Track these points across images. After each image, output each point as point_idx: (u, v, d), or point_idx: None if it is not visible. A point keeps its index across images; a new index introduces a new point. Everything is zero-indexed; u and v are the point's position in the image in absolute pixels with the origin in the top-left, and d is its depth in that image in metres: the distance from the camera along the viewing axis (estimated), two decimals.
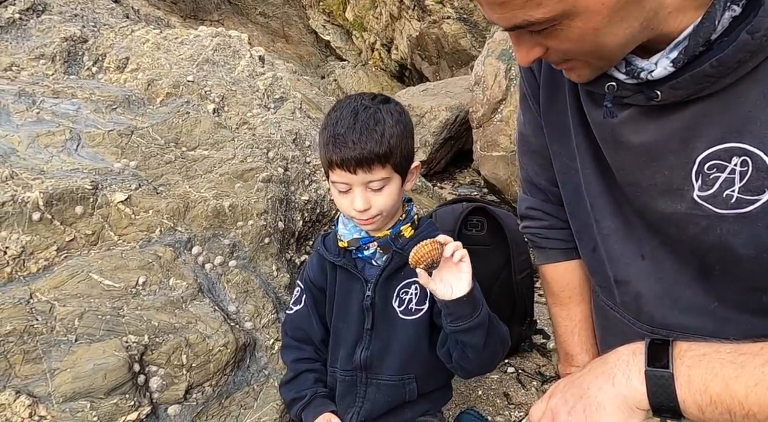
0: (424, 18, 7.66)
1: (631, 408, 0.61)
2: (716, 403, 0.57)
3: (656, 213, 0.75)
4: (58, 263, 1.24)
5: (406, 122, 1.08)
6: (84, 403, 1.09)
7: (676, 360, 0.60)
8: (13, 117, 1.41)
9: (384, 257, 1.15)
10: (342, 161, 1.02)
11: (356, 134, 1.01)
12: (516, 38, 0.66)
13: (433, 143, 5.07)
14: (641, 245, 0.80)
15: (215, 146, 1.60)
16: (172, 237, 1.38)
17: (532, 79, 0.91)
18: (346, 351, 1.20)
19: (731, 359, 0.58)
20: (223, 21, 10.93)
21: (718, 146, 0.65)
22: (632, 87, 0.68)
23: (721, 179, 0.65)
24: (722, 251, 0.69)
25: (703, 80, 0.62)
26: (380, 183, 1.04)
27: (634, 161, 0.74)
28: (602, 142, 0.78)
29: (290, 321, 1.29)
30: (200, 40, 1.90)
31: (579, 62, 0.67)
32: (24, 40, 1.68)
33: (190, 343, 1.23)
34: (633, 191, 0.77)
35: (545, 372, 1.72)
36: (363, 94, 1.11)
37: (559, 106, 0.86)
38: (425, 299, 1.15)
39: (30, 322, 1.13)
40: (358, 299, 1.18)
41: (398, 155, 1.04)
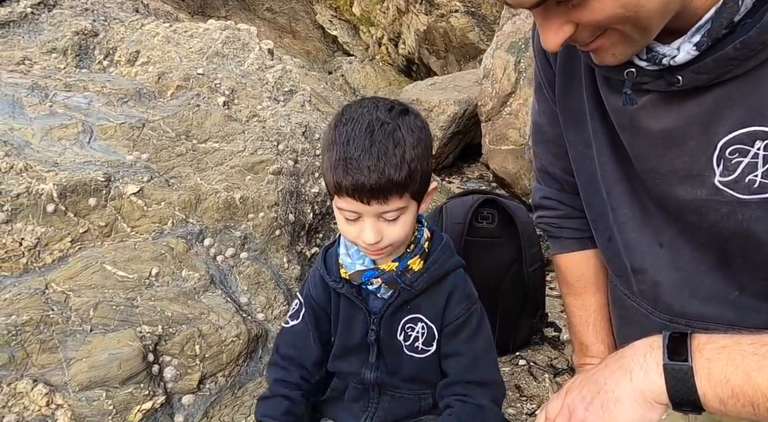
0: (431, 12, 7.62)
1: (650, 403, 0.60)
2: (738, 396, 0.56)
3: (675, 200, 0.73)
4: (73, 254, 1.25)
5: (427, 139, 0.92)
6: (100, 392, 1.10)
7: (696, 353, 0.59)
8: (26, 110, 1.42)
9: (390, 292, 1.02)
10: (354, 190, 0.86)
11: (372, 159, 0.84)
12: (543, 16, 0.60)
13: (441, 137, 5.05)
14: (659, 233, 0.79)
15: (226, 138, 1.60)
16: (184, 229, 1.39)
17: (547, 67, 0.90)
18: (352, 370, 1.10)
19: (753, 350, 0.56)
20: (230, 17, 10.95)
21: (741, 129, 0.63)
22: (652, 73, 0.67)
23: (744, 164, 0.64)
24: (744, 238, 0.68)
25: (726, 64, 0.60)
26: (395, 213, 0.90)
27: (654, 147, 0.72)
28: (620, 129, 0.77)
29: (284, 337, 1.14)
30: (210, 33, 1.90)
31: (614, 37, 0.61)
32: (36, 34, 1.70)
33: (203, 334, 1.24)
34: (652, 178, 0.75)
35: (557, 364, 1.72)
36: (377, 102, 0.92)
37: (575, 93, 0.85)
38: (432, 341, 1.04)
39: (46, 312, 1.14)
40: (362, 329, 1.06)
41: (418, 180, 0.90)
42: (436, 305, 1.02)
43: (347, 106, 0.93)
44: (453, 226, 1.74)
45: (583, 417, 0.63)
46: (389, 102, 0.92)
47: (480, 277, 1.72)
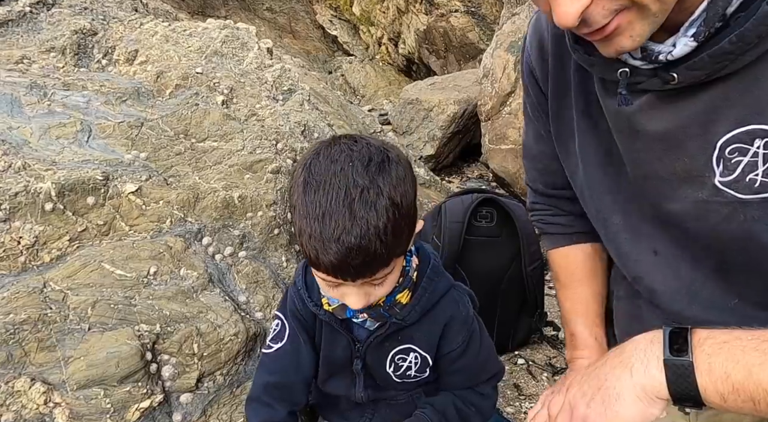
0: (431, 11, 7.62)
1: (651, 398, 0.60)
2: (739, 391, 0.55)
3: (674, 205, 0.72)
4: (71, 253, 1.25)
5: (411, 186, 0.81)
6: (98, 390, 1.10)
7: (696, 348, 0.59)
8: (24, 109, 1.42)
9: (377, 324, 0.95)
10: (336, 271, 0.77)
11: (355, 239, 0.73)
12: None
13: (441, 137, 5.06)
14: (653, 240, 0.78)
15: (224, 137, 1.60)
16: (182, 228, 1.39)
17: (537, 89, 0.91)
18: (341, 392, 1.05)
19: (754, 346, 0.56)
20: (230, 17, 10.95)
21: (739, 128, 0.63)
22: (647, 72, 0.66)
23: (744, 163, 0.63)
24: (745, 241, 0.67)
25: (721, 58, 0.59)
26: (382, 279, 0.83)
27: (652, 150, 0.71)
28: (618, 133, 0.75)
29: (268, 365, 1.03)
30: (208, 32, 1.90)
31: (631, 14, 0.57)
32: (35, 32, 1.70)
33: (202, 332, 1.24)
34: (650, 184, 0.74)
35: (555, 363, 1.72)
36: (352, 153, 0.78)
37: (566, 112, 0.85)
38: (426, 368, 0.99)
39: (44, 311, 1.14)
40: (346, 356, 1.00)
41: (404, 240, 0.82)
42: (430, 336, 0.97)
43: (315, 157, 0.79)
44: (452, 225, 1.74)
45: (584, 413, 0.63)
46: (365, 151, 0.79)
47: (479, 276, 1.73)
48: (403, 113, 5.51)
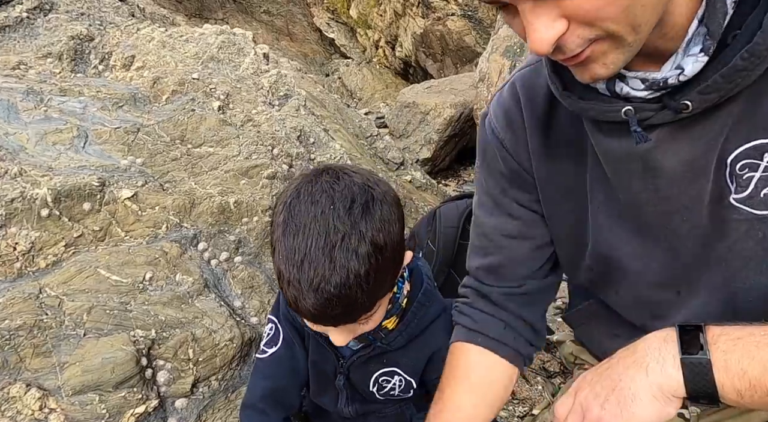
0: (428, 15, 7.65)
1: (667, 397, 0.60)
2: (755, 387, 0.55)
3: (698, 234, 0.69)
4: (67, 258, 1.25)
5: (394, 228, 0.77)
6: (93, 396, 1.10)
7: (711, 346, 0.58)
8: (21, 115, 1.43)
9: (361, 345, 0.94)
10: (316, 319, 0.75)
11: (332, 286, 0.70)
12: (533, 9, 0.54)
13: (438, 140, 5.08)
14: (677, 281, 0.75)
15: (220, 143, 1.61)
16: (178, 233, 1.40)
17: (510, 161, 0.85)
18: (330, 407, 1.05)
19: (766, 341, 0.56)
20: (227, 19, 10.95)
21: (747, 144, 0.62)
22: (652, 105, 0.63)
23: (756, 179, 0.62)
24: (761, 259, 0.66)
25: (735, 77, 0.58)
26: (366, 319, 0.80)
27: (675, 184, 0.67)
28: (629, 175, 0.70)
29: (263, 370, 1.01)
30: (205, 38, 1.91)
31: (605, 44, 0.56)
32: (32, 38, 1.70)
33: (197, 338, 1.24)
34: (677, 217, 0.70)
35: (549, 367, 1.73)
36: (333, 193, 0.74)
37: (562, 173, 0.80)
38: (410, 389, 0.98)
39: (39, 316, 1.14)
40: (331, 369, 0.99)
41: (389, 282, 0.79)
42: (416, 362, 0.96)
43: (296, 196, 0.76)
44: (447, 229, 1.75)
45: (599, 415, 0.62)
46: (348, 191, 0.74)
47: None
48: (400, 116, 5.53)
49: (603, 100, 0.66)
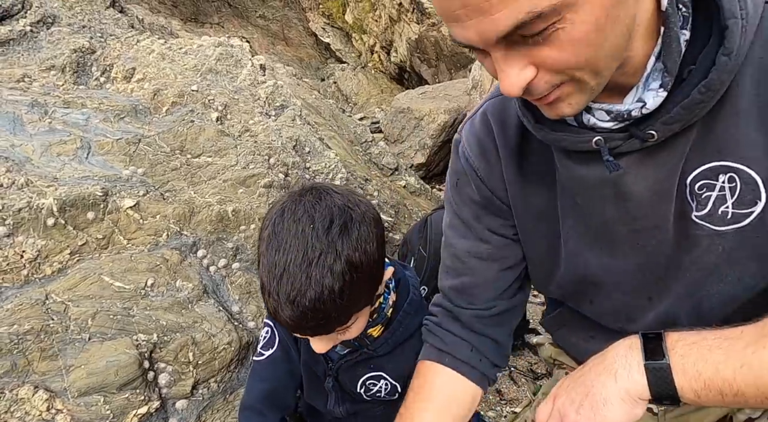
0: (422, 21, 7.73)
1: (634, 400, 0.66)
2: (709, 387, 0.62)
3: (668, 248, 0.75)
4: (72, 266, 1.31)
5: (371, 246, 0.81)
6: (98, 397, 1.15)
7: (670, 351, 0.64)
8: (26, 127, 1.48)
9: (347, 350, 0.99)
10: (292, 328, 0.80)
11: (307, 300, 0.75)
12: (504, 56, 0.58)
13: (432, 145, 5.14)
14: (648, 289, 0.81)
15: (219, 153, 1.67)
16: (178, 241, 1.45)
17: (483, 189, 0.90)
18: (321, 408, 1.09)
19: (717, 345, 0.63)
20: (223, 24, 10.99)
21: (703, 166, 0.68)
22: (620, 135, 0.69)
23: (714, 197, 0.69)
24: (722, 272, 0.72)
25: (694, 108, 0.64)
26: (344, 329, 0.84)
27: (644, 205, 0.74)
28: (602, 200, 0.76)
29: (261, 372, 1.05)
30: (203, 50, 1.97)
31: (570, 87, 0.62)
32: (35, 51, 1.76)
33: (197, 341, 1.30)
34: (646, 234, 0.76)
35: (537, 369, 1.79)
36: (314, 212, 0.79)
37: (536, 199, 0.85)
38: (396, 392, 1.03)
39: (46, 322, 1.20)
40: (321, 372, 1.03)
41: (364, 298, 0.83)
42: (401, 368, 1.01)
43: (281, 214, 0.81)
44: (437, 236, 1.81)
45: (575, 419, 0.68)
46: (327, 212, 0.79)
47: None
48: (395, 121, 5.59)
49: (573, 132, 0.72)
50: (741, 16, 0.60)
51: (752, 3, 0.61)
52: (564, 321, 1.02)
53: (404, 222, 2.65)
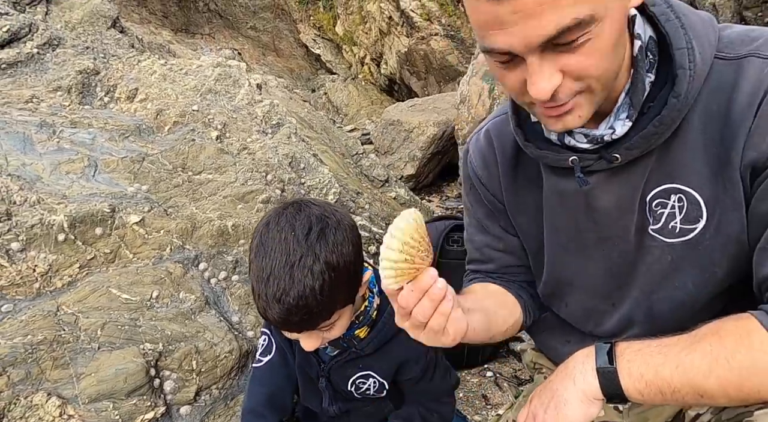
0: (412, 34, 7.89)
1: (590, 400, 0.77)
2: (650, 386, 0.72)
3: (625, 257, 0.87)
4: (81, 279, 1.38)
5: (347, 250, 0.91)
6: (107, 403, 1.23)
7: (618, 357, 0.75)
8: (36, 146, 1.56)
9: (336, 351, 1.08)
10: (280, 325, 0.91)
11: (291, 298, 0.85)
12: (539, 62, 0.65)
13: (421, 157, 5.26)
14: (611, 296, 0.93)
15: (218, 170, 1.76)
16: (181, 255, 1.53)
17: (486, 193, 1.03)
18: (316, 407, 1.16)
19: (658, 350, 0.74)
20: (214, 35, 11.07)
21: (659, 187, 0.81)
22: (592, 155, 0.81)
23: (666, 214, 0.81)
24: (671, 280, 0.84)
25: (650, 137, 0.76)
26: (330, 326, 0.94)
27: (610, 216, 0.86)
28: (575, 210, 0.89)
29: (260, 378, 1.14)
30: (203, 70, 2.06)
31: (584, 97, 0.70)
32: (42, 73, 1.83)
33: (200, 350, 1.38)
34: (610, 242, 0.88)
35: (521, 375, 1.88)
36: (295, 221, 0.90)
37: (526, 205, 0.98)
38: (384, 390, 1.12)
39: (58, 332, 1.27)
40: (314, 373, 1.12)
41: (344, 296, 0.93)
42: (387, 366, 1.10)
43: (266, 226, 0.92)
44: None
45: (543, 418, 0.79)
46: (306, 220, 0.90)
47: None
48: (385, 133, 5.71)
49: (555, 150, 0.85)
50: (689, 67, 0.72)
51: (701, 57, 0.73)
52: (545, 326, 1.13)
53: None
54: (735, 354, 0.67)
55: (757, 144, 0.70)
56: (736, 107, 0.72)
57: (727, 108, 0.73)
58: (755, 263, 0.74)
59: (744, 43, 0.74)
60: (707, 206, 0.77)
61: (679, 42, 0.73)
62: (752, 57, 0.72)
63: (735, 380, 0.67)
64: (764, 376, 0.66)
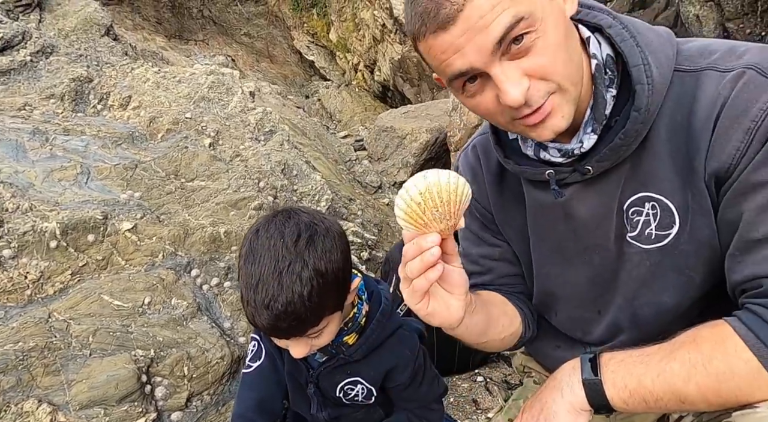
0: (405, 42, 7.95)
1: (578, 411, 0.79)
2: (634, 395, 0.75)
3: (606, 265, 0.90)
4: (73, 285, 1.39)
5: (335, 257, 0.92)
6: (98, 410, 1.23)
7: (603, 368, 0.78)
8: (29, 153, 1.57)
9: (325, 357, 1.08)
10: (270, 331, 0.91)
11: (280, 304, 0.85)
12: (502, 70, 0.70)
13: (414, 163, 5.29)
14: (596, 303, 0.96)
15: (211, 177, 1.77)
16: (173, 261, 1.54)
17: (477, 205, 1.06)
18: (305, 412, 1.17)
19: (639, 360, 0.76)
20: (207, 41, 11.09)
21: (634, 195, 0.83)
22: (567, 169, 0.85)
23: (642, 221, 0.84)
24: (650, 285, 0.87)
25: (617, 150, 0.80)
26: (319, 332, 0.94)
27: (588, 226, 0.89)
28: (555, 221, 0.92)
29: (250, 383, 1.13)
30: (196, 78, 2.08)
31: (559, 97, 0.73)
32: (35, 80, 1.84)
33: (191, 356, 1.38)
34: (590, 251, 0.91)
35: (511, 380, 1.90)
36: (284, 229, 0.91)
37: (514, 218, 1.01)
38: (372, 397, 1.12)
39: (49, 339, 1.27)
40: (303, 379, 1.12)
41: (333, 302, 0.93)
42: (375, 373, 1.11)
43: (255, 233, 0.92)
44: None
45: None
46: (295, 228, 0.90)
47: None
48: (378, 140, 5.74)
49: (532, 165, 0.88)
50: (647, 82, 0.75)
51: (658, 71, 0.76)
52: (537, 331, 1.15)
53: (387, 240, 2.77)
54: (712, 360, 0.70)
55: (718, 155, 0.73)
56: (697, 118, 0.75)
57: (689, 120, 0.76)
58: (727, 269, 0.77)
59: (703, 55, 0.77)
60: (679, 213, 0.80)
61: (635, 59, 0.76)
62: (710, 70, 0.75)
63: (713, 385, 0.70)
64: (740, 380, 0.68)
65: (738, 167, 0.71)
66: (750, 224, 0.71)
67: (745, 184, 0.71)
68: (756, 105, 0.69)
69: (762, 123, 0.68)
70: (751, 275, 0.72)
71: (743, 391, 0.69)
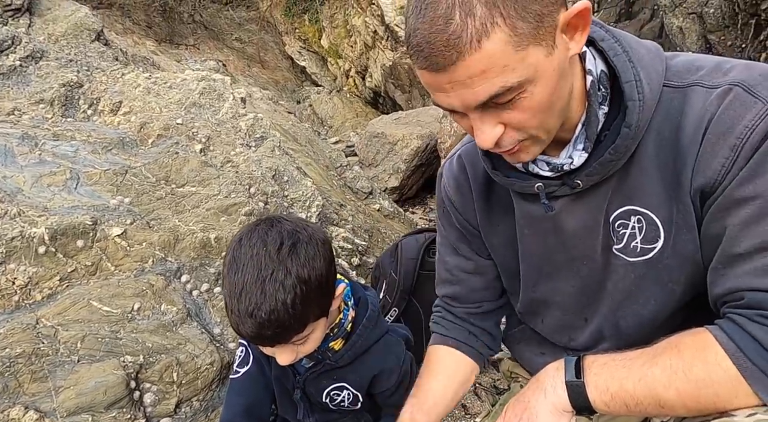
0: (396, 48, 8.00)
1: (560, 412, 0.80)
2: (615, 398, 0.76)
3: (593, 275, 0.92)
4: (61, 291, 1.38)
5: (319, 264, 0.92)
6: (86, 417, 1.22)
7: (586, 371, 0.79)
8: (17, 159, 1.56)
9: (312, 363, 1.09)
10: (254, 340, 0.92)
11: (263, 312, 0.86)
12: (480, 118, 0.72)
13: (405, 169, 5.31)
14: (585, 310, 0.98)
15: (202, 183, 1.77)
16: (163, 267, 1.54)
17: (458, 216, 1.08)
18: (292, 418, 1.17)
19: (622, 364, 0.78)
20: (198, 46, 11.07)
21: (621, 208, 0.85)
22: (556, 182, 0.86)
23: (627, 234, 0.86)
24: (635, 297, 0.88)
25: (607, 164, 0.81)
26: (304, 339, 0.95)
27: (576, 237, 0.91)
28: (545, 234, 0.94)
29: (237, 389, 1.15)
30: (187, 84, 2.08)
31: (529, 141, 0.77)
32: (24, 85, 1.84)
33: (180, 362, 1.38)
34: (578, 261, 0.93)
35: (500, 385, 1.92)
36: (266, 237, 0.91)
37: (499, 227, 1.03)
38: (358, 402, 1.14)
39: (37, 345, 1.27)
40: (290, 383, 1.13)
41: (317, 309, 0.93)
42: (361, 378, 1.13)
43: (239, 242, 0.93)
44: (407, 260, 1.94)
45: None
46: (278, 236, 0.91)
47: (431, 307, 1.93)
48: (369, 146, 5.76)
49: (521, 178, 0.90)
50: (638, 99, 0.77)
51: (649, 87, 0.78)
52: (521, 338, 1.17)
53: (378, 246, 2.78)
54: (692, 366, 0.71)
55: (704, 171, 0.74)
56: (684, 134, 0.76)
57: (676, 135, 0.77)
58: (709, 282, 0.79)
59: (690, 71, 0.79)
60: (664, 227, 0.82)
61: (627, 75, 0.77)
62: (697, 86, 0.77)
63: (692, 391, 0.71)
64: (719, 388, 0.70)
65: (723, 182, 0.73)
66: (733, 239, 0.73)
67: (730, 199, 0.73)
68: (741, 123, 0.71)
69: (747, 140, 0.70)
70: (734, 288, 0.73)
71: (721, 398, 0.70)
